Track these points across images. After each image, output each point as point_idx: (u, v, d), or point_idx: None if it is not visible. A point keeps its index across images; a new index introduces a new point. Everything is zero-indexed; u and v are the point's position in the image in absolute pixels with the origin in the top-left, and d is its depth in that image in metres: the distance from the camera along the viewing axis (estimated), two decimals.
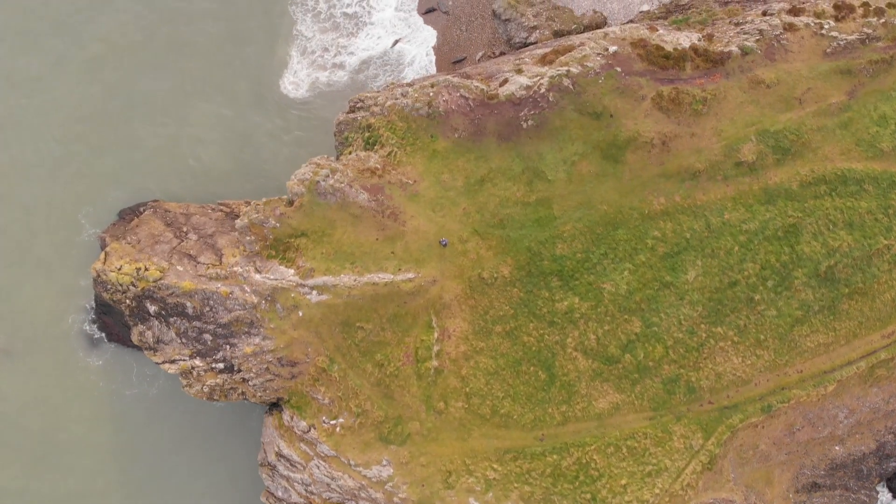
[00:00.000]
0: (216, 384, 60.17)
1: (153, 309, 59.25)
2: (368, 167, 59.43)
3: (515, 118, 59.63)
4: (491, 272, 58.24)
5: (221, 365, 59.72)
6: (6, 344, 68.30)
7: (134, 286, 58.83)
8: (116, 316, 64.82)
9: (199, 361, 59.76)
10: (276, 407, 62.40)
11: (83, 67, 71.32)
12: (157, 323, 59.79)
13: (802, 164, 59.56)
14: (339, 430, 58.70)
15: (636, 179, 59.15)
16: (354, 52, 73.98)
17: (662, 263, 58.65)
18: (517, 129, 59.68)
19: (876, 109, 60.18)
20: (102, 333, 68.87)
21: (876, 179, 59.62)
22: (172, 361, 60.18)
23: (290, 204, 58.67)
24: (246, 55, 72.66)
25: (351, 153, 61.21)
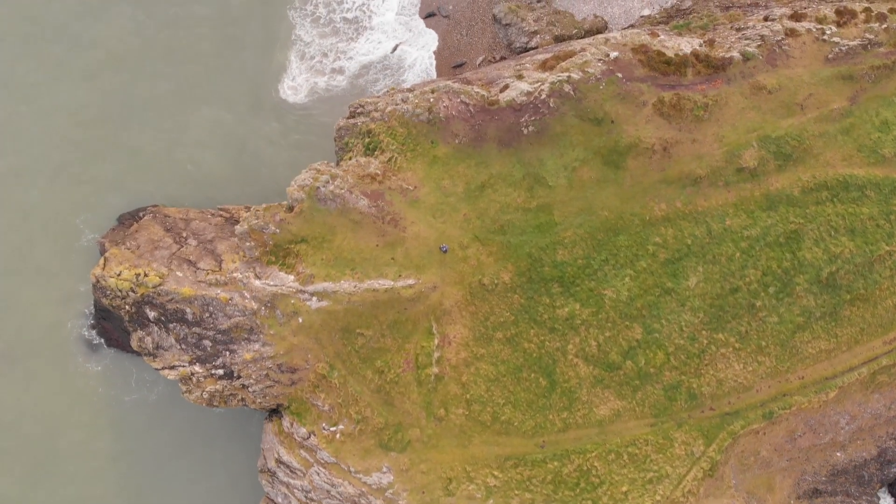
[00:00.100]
0: (216, 390, 59.99)
1: (153, 315, 59.06)
2: (369, 173, 59.24)
3: (516, 124, 59.45)
4: (491, 278, 58.06)
5: (221, 371, 59.53)
6: (5, 349, 68.04)
7: (133, 292, 58.64)
8: (116, 321, 64.68)
9: (198, 367, 59.58)
10: (275, 413, 62.24)
11: (82, 73, 71.16)
12: (156, 329, 59.58)
13: (804, 169, 59.42)
14: (339, 436, 58.53)
15: (637, 185, 58.98)
16: (354, 56, 73.67)
17: (664, 270, 58.49)
18: (518, 134, 59.50)
19: (878, 115, 60.06)
20: (102, 339, 68.65)
21: (878, 185, 59.51)
22: (172, 367, 59.99)
23: (290, 210, 58.51)
24: (245, 60, 72.45)
25: (351, 159, 61.03)
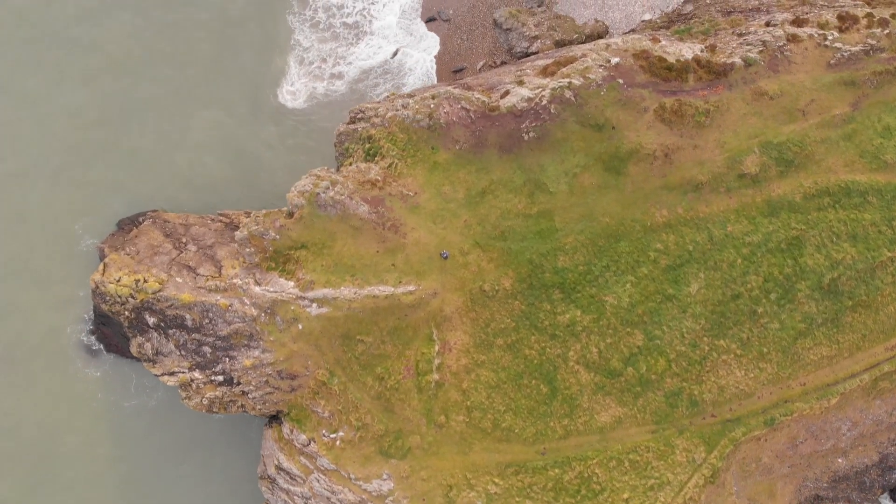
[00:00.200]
0: (215, 397, 59.81)
1: (152, 321, 58.87)
2: (369, 179, 59.06)
3: (517, 130, 59.25)
4: (492, 285, 57.87)
5: (221, 377, 59.34)
6: (4, 353, 67.82)
7: (133, 298, 58.46)
8: (115, 327, 64.42)
9: (198, 374, 59.39)
10: (275, 420, 62.04)
11: (82, 78, 70.87)
12: (156, 335, 59.41)
13: (806, 175, 59.24)
14: (339, 443, 58.35)
15: (638, 191, 58.80)
16: (353, 61, 73.46)
17: (665, 276, 58.30)
18: (519, 140, 59.30)
19: (880, 121, 59.89)
20: (101, 344, 68.41)
21: (880, 191, 59.34)
22: (171, 374, 59.80)
23: (290, 216, 58.31)
24: (244, 65, 72.22)
25: (351, 164, 60.84)
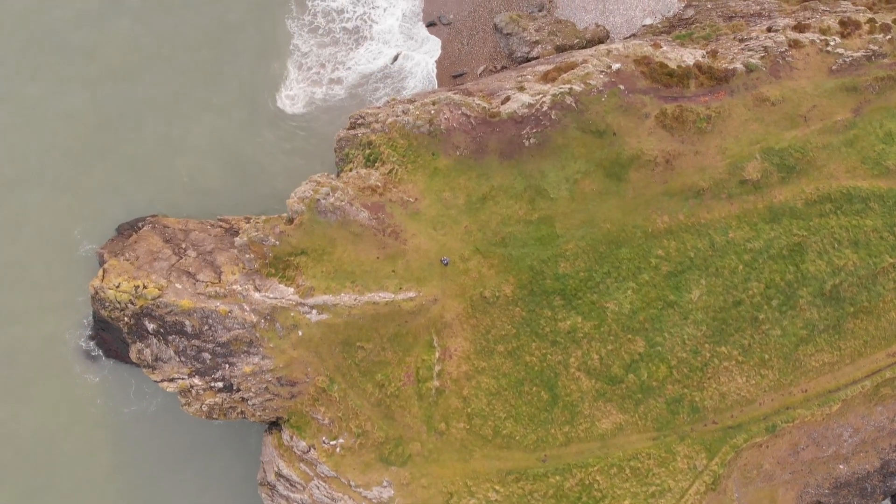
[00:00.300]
0: (215, 403, 59.61)
1: (152, 327, 58.67)
2: (369, 185, 58.86)
3: (517, 136, 59.06)
4: (493, 291, 57.67)
5: (220, 384, 59.16)
6: (3, 359, 67.63)
7: (132, 304, 58.26)
8: (115, 332, 64.28)
9: (197, 380, 59.20)
10: (275, 426, 61.88)
11: (81, 84, 70.73)
12: (155, 341, 59.20)
13: (807, 182, 59.08)
14: (339, 450, 58.16)
15: (640, 198, 58.61)
16: (353, 66, 73.22)
17: (666, 282, 58.11)
18: (519, 146, 59.11)
19: (882, 127, 59.75)
20: (100, 350, 68.24)
21: (881, 197, 59.18)
22: (171, 380, 59.60)
23: (289, 222, 58.13)
24: (242, 70, 72.09)
25: (351, 170, 60.65)
